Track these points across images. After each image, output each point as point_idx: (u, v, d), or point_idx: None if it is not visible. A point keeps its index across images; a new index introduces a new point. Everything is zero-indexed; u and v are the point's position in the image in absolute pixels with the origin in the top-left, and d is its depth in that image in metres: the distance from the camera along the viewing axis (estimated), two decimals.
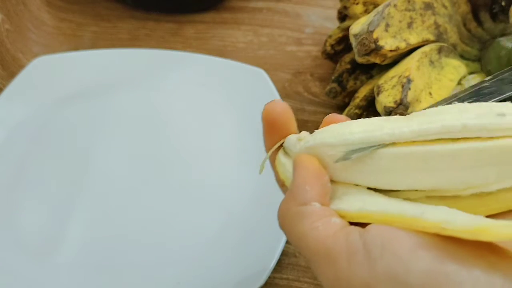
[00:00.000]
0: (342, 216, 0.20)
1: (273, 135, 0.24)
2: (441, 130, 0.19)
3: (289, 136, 0.24)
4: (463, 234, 0.16)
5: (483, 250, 0.17)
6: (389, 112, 0.33)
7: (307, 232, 0.20)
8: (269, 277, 0.35)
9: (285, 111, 0.24)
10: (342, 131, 0.21)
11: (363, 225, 0.19)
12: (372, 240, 0.18)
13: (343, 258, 0.18)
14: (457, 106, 0.20)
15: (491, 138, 0.18)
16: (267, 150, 0.25)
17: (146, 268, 0.36)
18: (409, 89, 0.33)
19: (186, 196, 0.39)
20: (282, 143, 0.24)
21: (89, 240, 0.38)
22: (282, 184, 0.25)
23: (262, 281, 0.34)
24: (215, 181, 0.40)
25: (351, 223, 0.20)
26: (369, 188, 0.21)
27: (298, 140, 0.23)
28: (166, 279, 0.36)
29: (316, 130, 0.23)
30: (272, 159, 0.25)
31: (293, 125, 0.24)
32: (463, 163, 0.18)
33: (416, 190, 0.20)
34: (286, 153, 0.24)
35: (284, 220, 0.21)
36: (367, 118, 0.21)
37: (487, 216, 0.17)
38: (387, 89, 0.35)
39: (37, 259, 0.37)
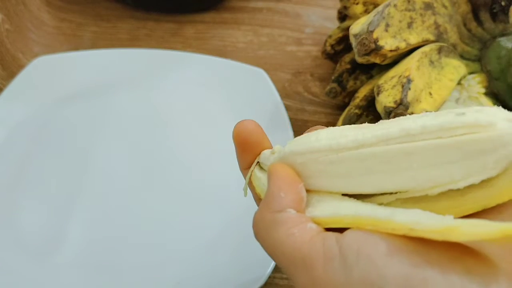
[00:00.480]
0: (317, 223, 0.20)
1: (247, 155, 0.25)
2: (400, 133, 0.19)
3: (263, 151, 0.24)
4: (432, 234, 0.16)
5: (459, 254, 0.17)
6: (389, 112, 0.33)
7: (283, 239, 0.19)
8: (269, 277, 0.35)
9: (255, 129, 0.24)
10: (309, 139, 0.22)
11: (340, 230, 0.19)
12: (348, 245, 0.18)
13: (319, 264, 0.18)
14: (419, 114, 0.20)
15: (451, 136, 0.18)
16: (242, 169, 0.26)
17: (146, 268, 0.36)
18: (409, 89, 0.33)
19: (186, 196, 0.39)
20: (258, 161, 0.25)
21: (89, 240, 0.38)
22: (258, 199, 0.25)
23: (262, 281, 0.34)
24: (215, 181, 0.40)
25: (327, 229, 0.20)
26: (343, 195, 0.21)
27: (271, 154, 0.24)
28: (166, 279, 0.36)
29: (288, 142, 0.23)
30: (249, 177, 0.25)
31: (266, 141, 0.24)
32: (425, 161, 0.18)
33: (388, 194, 0.20)
34: (261, 168, 0.25)
35: (259, 229, 0.21)
36: (335, 127, 0.22)
37: (461, 218, 0.17)
38: (387, 89, 0.35)
39: (37, 259, 0.37)
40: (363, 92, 0.39)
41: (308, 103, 0.46)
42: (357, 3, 0.41)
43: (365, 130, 0.20)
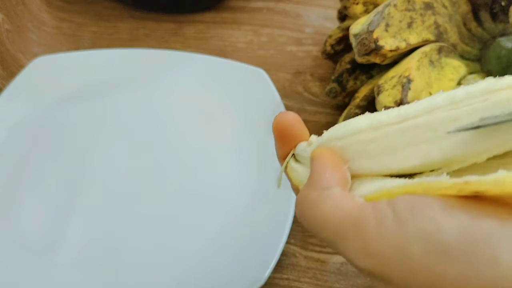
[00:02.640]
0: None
1: (285, 145, 0.25)
2: (445, 101, 0.19)
3: (299, 143, 0.24)
4: (488, 186, 0.16)
5: (510, 208, 0.16)
6: None
7: (331, 211, 0.19)
8: (269, 277, 0.35)
9: (294, 121, 0.24)
10: (347, 123, 0.22)
11: None
12: (400, 205, 0.17)
13: (371, 226, 0.18)
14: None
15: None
16: (280, 160, 0.25)
17: (146, 268, 0.36)
18: (409, 89, 0.33)
19: (186, 196, 0.39)
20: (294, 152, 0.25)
21: (89, 240, 0.38)
22: (297, 189, 0.25)
23: (262, 281, 0.34)
24: (215, 181, 0.40)
25: None
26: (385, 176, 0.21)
27: (307, 146, 0.23)
28: (166, 279, 0.36)
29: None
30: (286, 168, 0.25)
31: (304, 133, 0.24)
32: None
33: (432, 171, 0.20)
34: (297, 160, 0.24)
35: (303, 207, 0.21)
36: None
37: None
38: (387, 89, 0.35)
39: (37, 259, 0.37)
40: (363, 92, 0.39)
41: (308, 103, 0.46)
42: (357, 3, 0.41)
43: (405, 107, 0.20)
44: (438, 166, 0.20)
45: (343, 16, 0.45)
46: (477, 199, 0.17)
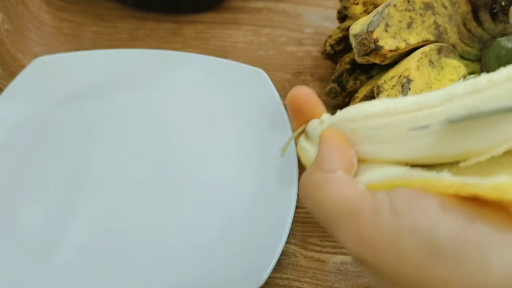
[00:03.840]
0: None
1: (298, 120, 0.25)
2: (466, 89, 0.18)
3: (311, 121, 0.24)
4: (486, 190, 0.16)
5: (509, 215, 0.16)
6: None
7: (332, 195, 0.19)
8: (269, 277, 0.35)
9: (308, 96, 0.24)
10: (362, 106, 0.21)
11: None
12: (399, 198, 0.17)
13: (367, 214, 0.18)
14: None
15: None
16: (292, 131, 0.26)
17: (146, 268, 0.36)
18: (409, 89, 0.33)
19: (186, 196, 0.39)
20: (304, 128, 0.24)
21: (89, 240, 0.38)
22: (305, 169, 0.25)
23: (262, 281, 0.34)
24: (215, 181, 0.40)
25: None
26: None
27: (319, 124, 0.23)
28: (166, 279, 0.36)
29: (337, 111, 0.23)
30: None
31: (318, 108, 0.24)
32: (493, 115, 0.17)
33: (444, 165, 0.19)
34: (308, 137, 0.24)
35: (307, 187, 0.21)
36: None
37: None
38: (387, 89, 0.35)
39: (37, 259, 0.37)
40: (363, 92, 0.39)
41: None
42: (357, 3, 0.41)
43: (424, 95, 0.19)
44: (451, 159, 0.19)
45: (343, 16, 0.45)
46: (476, 201, 0.17)
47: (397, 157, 0.20)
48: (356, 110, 0.21)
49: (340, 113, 0.22)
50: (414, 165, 0.20)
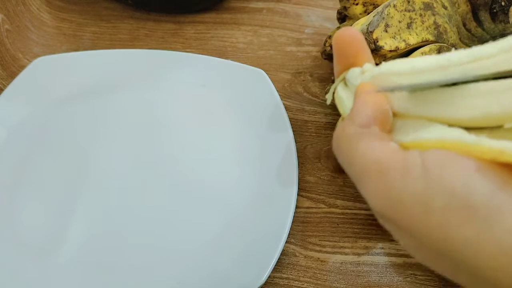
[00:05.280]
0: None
1: (342, 62, 0.24)
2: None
3: (352, 68, 0.23)
4: None
5: None
6: None
7: (363, 150, 0.19)
8: (269, 277, 0.36)
9: (354, 38, 0.23)
10: (412, 60, 0.20)
11: None
12: (432, 158, 0.17)
13: (397, 172, 0.17)
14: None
15: None
16: (335, 77, 0.25)
17: (146, 268, 0.36)
18: None
19: (186, 196, 0.39)
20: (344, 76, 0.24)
21: (89, 240, 0.38)
22: (342, 119, 0.25)
23: (262, 281, 0.34)
24: (215, 181, 0.40)
25: None
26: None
27: (361, 73, 0.22)
28: (166, 279, 0.36)
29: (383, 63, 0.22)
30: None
31: (363, 53, 0.23)
32: None
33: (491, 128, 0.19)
34: (347, 86, 0.23)
35: (340, 140, 0.21)
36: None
37: None
38: None
39: (37, 259, 0.37)
40: None
41: (308, 103, 0.46)
42: (356, 4, 0.41)
43: (477, 47, 0.18)
44: (499, 122, 0.18)
45: (343, 16, 0.45)
46: None
47: (439, 116, 0.19)
48: (404, 64, 0.20)
49: (384, 65, 0.21)
50: (452, 125, 0.19)
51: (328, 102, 0.25)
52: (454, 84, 0.19)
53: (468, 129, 0.19)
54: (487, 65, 0.18)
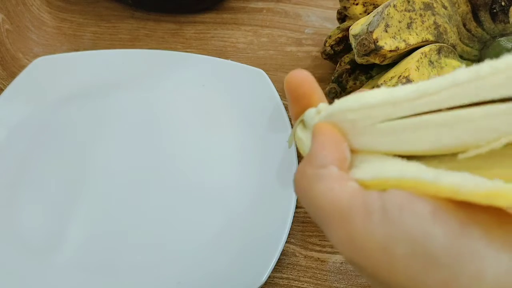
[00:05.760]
0: (359, 185, 0.19)
1: (295, 106, 0.24)
2: (470, 76, 0.18)
3: (308, 109, 0.23)
4: (477, 197, 0.16)
5: (502, 220, 0.16)
6: None
7: (323, 193, 0.19)
8: (269, 277, 0.35)
9: (305, 80, 0.23)
10: (361, 95, 0.21)
11: None
12: (390, 200, 0.17)
13: (358, 218, 0.17)
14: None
15: None
16: (292, 120, 0.25)
17: (146, 268, 0.36)
18: None
19: (186, 196, 0.39)
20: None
21: (89, 239, 0.38)
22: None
23: (262, 281, 0.34)
24: (215, 181, 0.40)
25: None
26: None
27: (316, 113, 0.23)
28: (166, 279, 0.36)
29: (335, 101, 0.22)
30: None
31: (315, 94, 0.23)
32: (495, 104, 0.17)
33: (444, 156, 0.19)
34: (305, 127, 0.24)
35: (299, 183, 0.20)
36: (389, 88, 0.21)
37: None
38: None
39: (37, 259, 0.37)
40: None
41: None
42: (356, 4, 0.41)
43: (424, 83, 0.19)
44: (451, 151, 0.18)
45: (343, 16, 0.45)
46: (470, 206, 0.16)
47: (395, 149, 0.20)
48: (356, 101, 0.21)
49: (338, 103, 0.21)
50: (411, 157, 0.20)
51: (289, 146, 0.26)
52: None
53: (429, 156, 0.19)
54: (433, 100, 0.18)
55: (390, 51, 0.35)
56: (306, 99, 0.23)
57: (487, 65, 0.18)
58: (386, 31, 0.35)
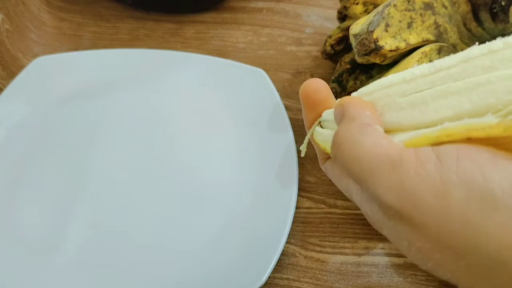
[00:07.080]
0: None
1: (310, 113, 0.25)
2: (482, 50, 0.19)
3: (325, 111, 0.24)
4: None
5: None
6: None
7: (371, 145, 0.19)
8: (269, 277, 0.35)
9: (320, 88, 0.24)
10: (378, 80, 0.22)
11: None
12: (446, 151, 0.17)
13: (411, 166, 0.17)
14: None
15: None
16: (307, 127, 0.26)
17: (146, 268, 0.36)
18: None
19: (186, 196, 0.39)
20: (320, 121, 0.25)
21: (89, 239, 0.38)
22: (322, 153, 0.25)
23: (262, 281, 0.34)
24: (215, 181, 0.40)
25: None
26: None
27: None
28: (166, 279, 0.36)
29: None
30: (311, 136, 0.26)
31: (330, 99, 0.24)
32: (506, 72, 0.18)
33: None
34: (323, 126, 0.25)
35: (343, 139, 0.20)
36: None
37: None
38: None
39: (37, 259, 0.37)
40: None
41: None
42: (357, 3, 0.41)
43: (440, 60, 0.20)
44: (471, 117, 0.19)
45: (343, 16, 0.45)
46: None
47: (421, 122, 0.20)
48: (371, 85, 0.22)
49: (355, 92, 0.22)
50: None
51: (303, 154, 0.27)
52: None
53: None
54: (450, 73, 0.19)
55: (391, 50, 0.35)
56: (322, 106, 0.24)
57: (499, 41, 0.19)
58: (387, 31, 0.35)
